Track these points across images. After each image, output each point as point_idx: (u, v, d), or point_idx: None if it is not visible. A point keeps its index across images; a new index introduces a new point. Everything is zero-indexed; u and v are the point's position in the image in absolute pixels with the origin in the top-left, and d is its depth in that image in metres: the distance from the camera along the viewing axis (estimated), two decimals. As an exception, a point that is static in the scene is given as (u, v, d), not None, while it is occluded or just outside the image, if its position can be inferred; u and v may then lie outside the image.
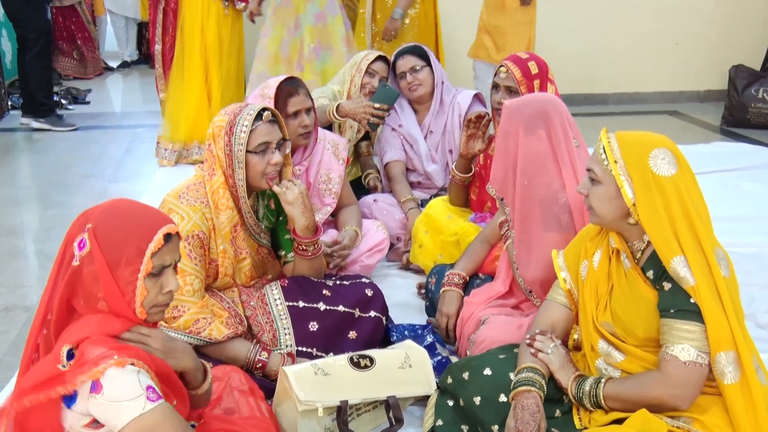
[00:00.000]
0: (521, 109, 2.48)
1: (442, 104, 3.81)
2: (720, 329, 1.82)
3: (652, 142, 1.95)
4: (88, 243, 1.60)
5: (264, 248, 2.66)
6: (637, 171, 1.90)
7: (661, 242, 1.87)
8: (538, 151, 2.40)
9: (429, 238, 3.29)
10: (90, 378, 1.51)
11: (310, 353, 2.55)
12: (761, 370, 1.88)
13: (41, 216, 4.42)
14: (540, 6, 6.98)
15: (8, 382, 2.67)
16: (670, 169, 1.90)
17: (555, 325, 2.18)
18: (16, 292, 3.44)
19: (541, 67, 3.02)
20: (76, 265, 1.61)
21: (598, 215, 1.99)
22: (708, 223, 1.93)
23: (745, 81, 6.43)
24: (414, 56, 3.75)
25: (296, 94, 3.02)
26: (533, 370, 2.03)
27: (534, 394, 1.97)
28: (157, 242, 1.63)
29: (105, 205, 1.68)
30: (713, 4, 7.27)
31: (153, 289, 1.66)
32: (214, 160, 2.46)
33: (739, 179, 4.79)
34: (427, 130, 3.84)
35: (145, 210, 1.72)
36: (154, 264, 1.64)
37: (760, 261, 3.53)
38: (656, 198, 1.88)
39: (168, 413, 1.56)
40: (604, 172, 1.95)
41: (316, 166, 3.22)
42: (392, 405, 2.28)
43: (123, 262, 1.61)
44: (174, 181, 2.72)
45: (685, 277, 1.84)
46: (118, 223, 1.63)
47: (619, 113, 7.09)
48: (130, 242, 1.61)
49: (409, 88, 3.74)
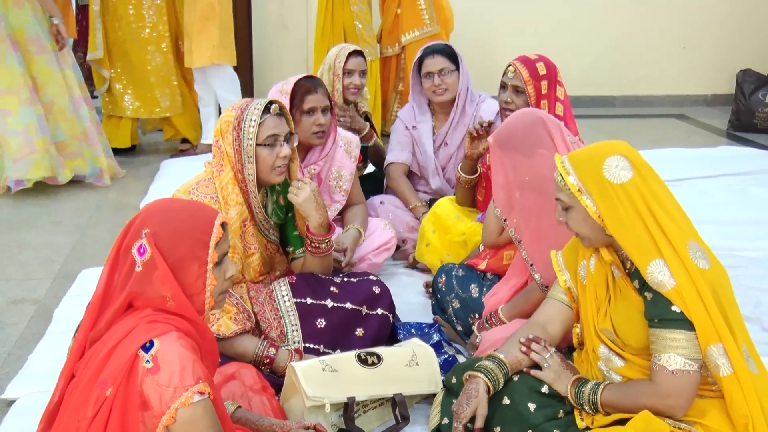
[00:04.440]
0: (508, 139, 2.49)
1: (464, 114, 3.58)
2: (705, 325, 1.83)
3: (603, 152, 1.96)
4: (148, 248, 1.62)
5: (272, 244, 2.67)
6: (594, 185, 1.92)
7: (633, 250, 1.89)
8: (547, 167, 2.37)
9: (436, 237, 3.29)
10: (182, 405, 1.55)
11: (317, 350, 2.56)
12: (752, 360, 1.89)
13: (49, 209, 4.43)
14: (547, 7, 7.04)
15: (17, 374, 2.69)
16: (626, 174, 1.91)
17: (551, 322, 2.18)
18: (24, 285, 3.45)
19: (549, 69, 3.02)
20: (140, 271, 1.63)
21: (584, 237, 2.01)
22: (680, 218, 1.94)
23: (753, 85, 6.43)
24: (445, 57, 3.49)
25: (314, 92, 3.02)
26: (492, 359, 2.08)
27: (479, 380, 2.03)
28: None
29: (156, 208, 1.71)
30: (721, 8, 7.27)
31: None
32: (223, 155, 2.47)
33: (745, 183, 4.80)
34: (441, 141, 3.64)
35: (194, 205, 1.77)
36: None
37: (766, 265, 3.53)
38: (620, 207, 1.89)
39: (209, 409, 1.59)
40: (569, 197, 1.97)
41: (328, 163, 3.22)
42: (399, 402, 2.29)
43: (189, 258, 1.64)
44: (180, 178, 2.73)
45: (662, 282, 1.85)
46: (175, 223, 1.66)
47: (626, 116, 7.10)
48: (193, 238, 1.65)
49: (434, 91, 3.51)
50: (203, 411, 1.57)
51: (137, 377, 1.55)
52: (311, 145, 3.12)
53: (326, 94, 3.08)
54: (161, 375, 1.54)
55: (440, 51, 3.51)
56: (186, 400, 1.53)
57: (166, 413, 1.53)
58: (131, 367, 1.56)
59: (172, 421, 1.53)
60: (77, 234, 4.07)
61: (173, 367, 1.54)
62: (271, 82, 3.23)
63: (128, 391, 1.55)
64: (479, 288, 2.81)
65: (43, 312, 3.18)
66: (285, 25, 6.85)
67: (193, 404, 1.54)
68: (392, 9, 5.79)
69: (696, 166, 5.05)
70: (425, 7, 5.69)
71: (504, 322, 2.52)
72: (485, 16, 6.93)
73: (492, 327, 2.55)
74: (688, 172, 4.89)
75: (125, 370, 1.55)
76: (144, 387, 1.55)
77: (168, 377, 1.54)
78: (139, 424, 1.55)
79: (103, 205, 4.53)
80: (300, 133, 2.90)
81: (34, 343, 2.91)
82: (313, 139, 3.08)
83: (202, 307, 1.69)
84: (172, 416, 1.53)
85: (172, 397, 1.53)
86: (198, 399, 1.55)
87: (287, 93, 3.01)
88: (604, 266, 2.04)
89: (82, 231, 4.11)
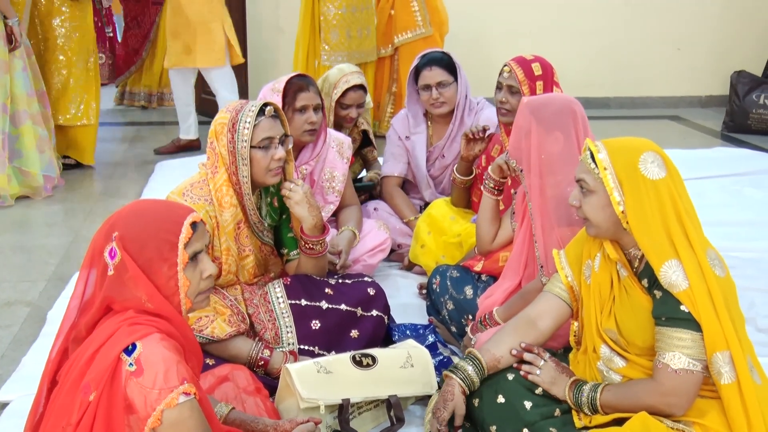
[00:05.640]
0: (541, 108, 2.44)
1: (462, 126, 3.47)
2: (714, 330, 1.82)
3: (639, 146, 1.95)
4: (118, 251, 1.61)
5: (267, 246, 2.66)
6: (627, 177, 1.91)
7: (651, 248, 1.88)
8: (552, 151, 2.38)
9: (431, 239, 3.29)
10: (167, 407, 1.54)
11: (312, 351, 2.55)
12: (755, 371, 1.89)
13: (43, 211, 4.42)
14: (543, 9, 7.05)
15: (10, 376, 2.67)
16: (660, 172, 1.91)
17: (543, 317, 2.16)
18: (18, 287, 3.44)
19: (545, 69, 3.01)
20: (112, 274, 1.62)
21: (595, 225, 1.97)
22: (698, 225, 1.94)
23: (747, 87, 6.45)
24: (443, 69, 3.38)
25: (306, 89, 3.02)
26: (469, 358, 2.10)
27: (453, 382, 2.07)
28: (186, 233, 1.66)
29: (126, 210, 1.70)
30: (715, 10, 7.29)
31: (194, 278, 1.69)
32: (217, 157, 2.46)
33: (739, 185, 4.81)
34: (438, 153, 3.58)
35: (165, 205, 1.75)
36: (188, 254, 1.66)
37: (761, 266, 3.54)
38: (647, 203, 1.88)
39: (195, 410, 1.59)
40: (595, 181, 1.94)
41: (321, 163, 3.22)
42: (393, 404, 2.29)
43: (158, 260, 1.63)
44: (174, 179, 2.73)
45: (676, 282, 1.84)
46: (142, 225, 1.64)
47: (621, 117, 7.10)
48: (160, 239, 1.63)
49: (432, 104, 3.43)
50: (189, 411, 1.56)
51: (121, 381, 1.55)
52: (302, 143, 3.12)
53: (318, 92, 3.08)
54: (145, 377, 1.53)
55: (438, 62, 3.40)
56: (171, 402, 1.53)
57: (152, 415, 1.52)
58: (114, 370, 1.55)
59: (158, 423, 1.53)
60: (71, 236, 4.05)
61: (157, 369, 1.53)
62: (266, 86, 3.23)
63: (112, 395, 1.54)
64: (473, 289, 2.81)
65: (37, 314, 3.17)
66: (279, 27, 6.85)
67: (178, 405, 1.54)
68: (386, 10, 5.79)
69: (691, 168, 5.01)
70: (418, 8, 5.70)
71: (499, 324, 2.50)
72: (481, 17, 6.93)
73: (486, 328, 2.54)
74: (683, 174, 4.71)
75: (108, 374, 1.54)
76: (128, 390, 1.54)
77: (152, 379, 1.53)
78: (125, 427, 1.54)
79: (97, 207, 4.52)
80: (292, 131, 2.90)
81: (27, 345, 2.89)
82: (305, 137, 3.07)
83: (179, 308, 1.67)
84: (158, 418, 1.52)
85: (157, 399, 1.52)
86: (183, 400, 1.55)
87: (279, 91, 3.00)
88: (609, 265, 2.03)
89: (76, 233, 4.09)
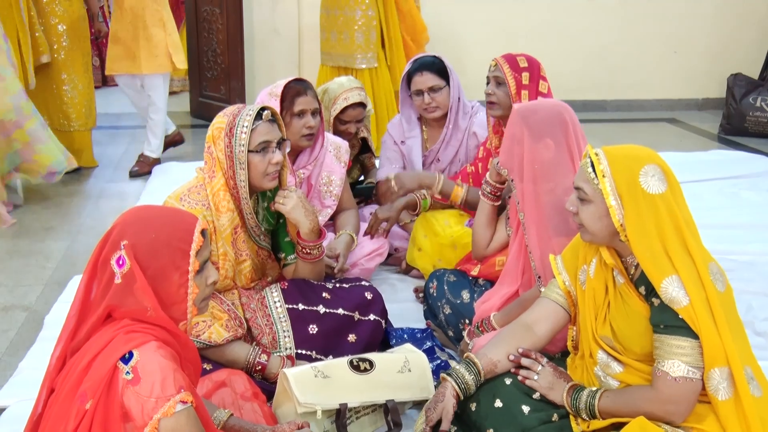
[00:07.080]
0: (530, 114, 2.44)
1: (456, 129, 3.48)
2: (714, 345, 1.80)
3: (641, 158, 1.91)
4: (127, 260, 1.61)
5: (264, 250, 2.66)
6: (627, 190, 1.87)
7: (651, 263, 1.85)
8: (543, 159, 2.38)
9: (428, 242, 3.29)
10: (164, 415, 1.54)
11: (309, 356, 2.55)
12: (755, 382, 1.87)
13: (40, 216, 4.42)
14: (539, 12, 7.06)
15: (7, 381, 2.67)
16: (660, 186, 1.88)
17: (540, 322, 2.15)
18: (15, 291, 3.44)
19: (531, 63, 3.03)
20: (119, 283, 1.62)
21: (590, 233, 1.96)
22: (698, 237, 1.92)
23: (744, 89, 6.46)
24: (434, 74, 3.37)
25: (304, 94, 3.01)
26: (466, 362, 2.10)
27: (447, 384, 2.08)
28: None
29: (132, 217, 1.69)
30: (712, 13, 7.30)
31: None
32: (214, 162, 2.46)
33: (736, 187, 4.82)
34: (433, 157, 3.57)
35: (172, 213, 1.75)
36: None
37: (758, 269, 3.55)
38: (647, 217, 1.85)
39: (193, 418, 1.59)
40: (594, 191, 1.92)
41: (318, 167, 3.22)
42: (391, 409, 2.29)
43: (170, 268, 1.63)
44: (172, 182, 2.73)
45: (677, 298, 1.82)
46: (154, 233, 1.64)
47: (617, 120, 7.11)
48: (173, 247, 1.64)
49: (425, 108, 3.42)
50: (186, 420, 1.56)
51: (117, 389, 1.54)
52: (300, 147, 3.11)
53: (315, 96, 3.07)
54: (142, 386, 1.53)
55: (429, 66, 3.38)
56: (168, 410, 1.52)
57: (149, 424, 1.52)
58: (111, 379, 1.55)
59: None
60: (68, 240, 4.05)
61: (154, 378, 1.53)
62: (263, 88, 3.22)
63: (109, 404, 1.54)
64: (470, 294, 2.81)
65: (34, 319, 3.16)
66: (276, 30, 6.85)
67: (175, 414, 1.54)
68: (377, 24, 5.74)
69: (687, 170, 5.04)
70: None
71: (496, 329, 2.50)
72: (478, 20, 6.94)
73: (483, 334, 2.54)
74: (680, 176, 4.71)
75: (105, 382, 1.54)
76: (125, 399, 1.54)
77: (149, 388, 1.53)
78: None
79: (95, 211, 4.51)
80: (289, 135, 2.90)
81: (24, 350, 2.89)
82: (302, 141, 3.06)
83: (184, 315, 1.67)
84: (155, 427, 1.52)
85: (154, 407, 1.52)
86: (180, 408, 1.54)
87: (277, 95, 2.99)
88: (604, 271, 2.01)
89: (74, 238, 4.09)
